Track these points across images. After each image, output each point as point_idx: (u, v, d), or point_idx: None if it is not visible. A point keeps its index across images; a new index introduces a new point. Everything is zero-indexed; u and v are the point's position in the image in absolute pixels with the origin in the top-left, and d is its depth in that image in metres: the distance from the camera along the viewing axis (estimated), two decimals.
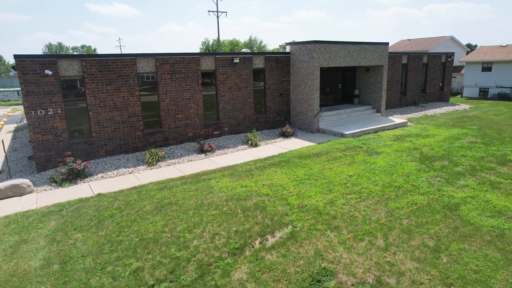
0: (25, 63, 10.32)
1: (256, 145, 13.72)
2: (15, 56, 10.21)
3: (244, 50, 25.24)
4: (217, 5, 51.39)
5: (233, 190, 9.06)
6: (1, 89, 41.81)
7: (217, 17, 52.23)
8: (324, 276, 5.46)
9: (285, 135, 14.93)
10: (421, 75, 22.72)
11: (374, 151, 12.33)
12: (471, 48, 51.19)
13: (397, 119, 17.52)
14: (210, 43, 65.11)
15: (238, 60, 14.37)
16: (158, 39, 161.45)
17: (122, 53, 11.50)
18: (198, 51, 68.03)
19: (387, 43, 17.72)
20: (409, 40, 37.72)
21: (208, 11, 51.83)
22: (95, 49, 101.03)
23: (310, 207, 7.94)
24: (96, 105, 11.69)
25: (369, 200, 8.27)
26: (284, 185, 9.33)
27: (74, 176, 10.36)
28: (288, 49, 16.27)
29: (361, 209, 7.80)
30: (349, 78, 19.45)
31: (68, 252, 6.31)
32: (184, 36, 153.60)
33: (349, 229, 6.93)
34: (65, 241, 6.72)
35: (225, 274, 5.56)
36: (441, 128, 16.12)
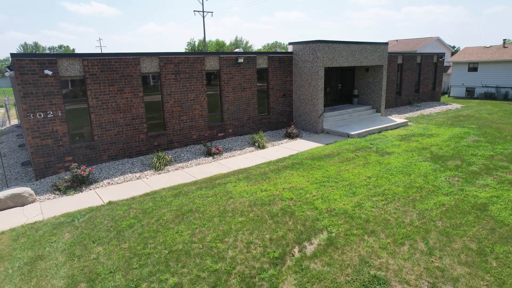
0: (23, 63, 9.58)
1: (263, 147, 13.38)
2: (12, 55, 9.46)
3: (237, 50, 24.83)
4: (202, 5, 50.78)
5: (253, 194, 8.69)
6: None
7: (203, 17, 51.58)
8: (378, 285, 5.19)
9: (290, 136, 14.66)
10: (415, 75, 23.02)
11: (384, 152, 12.24)
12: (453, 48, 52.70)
13: (397, 118, 17.61)
14: (196, 43, 64.18)
15: (242, 60, 13.99)
16: (139, 40, 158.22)
17: (125, 52, 10.93)
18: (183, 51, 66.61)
19: (387, 43, 17.79)
20: (397, 40, 38.39)
21: (194, 11, 51.11)
22: (73, 49, 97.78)
23: (339, 211, 7.68)
24: (98, 107, 11.03)
25: (396, 202, 8.10)
26: (305, 188, 9.03)
27: (79, 183, 9.70)
28: (290, 48, 16.02)
29: (391, 212, 7.61)
30: (348, 78, 19.42)
31: (93, 268, 5.77)
32: (167, 37, 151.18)
33: (386, 233, 6.71)
34: (86, 255, 6.16)
35: (273, 287, 5.19)
36: (442, 127, 16.28)
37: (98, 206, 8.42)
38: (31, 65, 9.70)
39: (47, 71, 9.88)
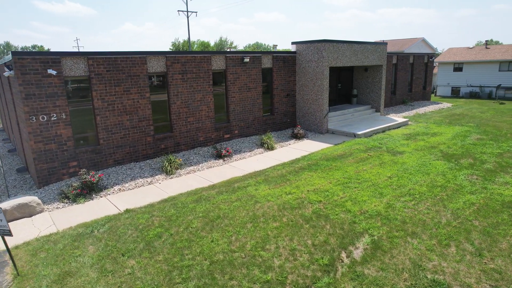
0: (24, 62, 8.86)
1: (272, 148, 13.08)
2: (13, 53, 8.73)
3: (229, 50, 24.41)
4: (186, 5, 50.02)
5: (279, 198, 8.38)
6: None
7: (187, 17, 50.83)
8: None
9: (297, 136, 14.44)
10: (408, 75, 23.38)
11: (396, 151, 12.22)
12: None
13: (397, 118, 17.75)
14: (181, 44, 63.11)
15: (248, 59, 13.65)
16: (116, 40, 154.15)
17: (132, 50, 10.38)
18: None
19: (386, 44, 17.92)
20: (383, 41, 39.08)
21: (178, 10, 50.25)
22: (48, 49, 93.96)
23: (372, 212, 7.49)
24: (104, 108, 10.40)
25: (425, 202, 8.00)
26: (329, 190, 8.81)
27: (88, 190, 9.07)
28: (293, 48, 15.81)
29: (423, 212, 7.50)
30: (346, 78, 19.44)
31: (132, 284, 5.28)
32: (146, 37, 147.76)
33: (428, 234, 6.57)
34: (120, 270, 5.66)
35: None
36: (442, 126, 16.53)
37: (116, 214, 7.86)
38: (34, 64, 8.99)
39: (50, 71, 9.18)
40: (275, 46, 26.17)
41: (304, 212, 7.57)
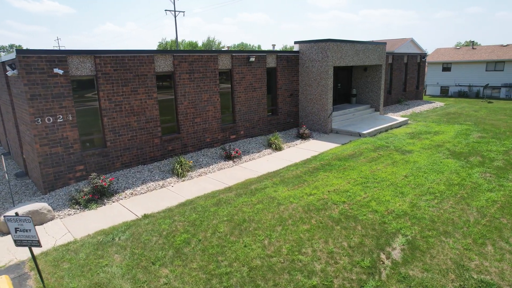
0: (30, 60, 8.36)
1: (280, 149, 12.90)
2: (18, 51, 8.22)
3: (224, 49, 24.19)
4: (174, 4, 49.39)
5: (301, 199, 8.20)
6: None
7: (175, 17, 50.14)
8: None
9: (303, 136, 14.32)
10: (402, 75, 23.69)
11: (404, 150, 12.26)
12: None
13: (397, 117, 17.91)
14: (167, 42, 62.19)
15: (254, 59, 13.42)
16: (99, 40, 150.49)
17: (139, 49, 10.00)
18: None
19: (385, 43, 18.07)
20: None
21: (165, 10, 49.53)
22: (27, 49, 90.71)
23: (399, 212, 7.42)
24: (111, 109, 9.96)
25: (447, 201, 8.00)
26: (350, 190, 8.70)
27: (100, 195, 8.64)
28: (296, 47, 15.69)
29: (449, 211, 7.48)
30: (345, 78, 19.49)
31: None
32: (129, 38, 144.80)
33: (460, 233, 6.54)
34: (154, 280, 5.34)
35: None
36: (441, 124, 16.77)
37: (134, 220, 7.49)
38: (39, 62, 8.50)
39: (57, 70, 8.70)
40: (273, 45, 26.00)
41: (331, 213, 7.41)
